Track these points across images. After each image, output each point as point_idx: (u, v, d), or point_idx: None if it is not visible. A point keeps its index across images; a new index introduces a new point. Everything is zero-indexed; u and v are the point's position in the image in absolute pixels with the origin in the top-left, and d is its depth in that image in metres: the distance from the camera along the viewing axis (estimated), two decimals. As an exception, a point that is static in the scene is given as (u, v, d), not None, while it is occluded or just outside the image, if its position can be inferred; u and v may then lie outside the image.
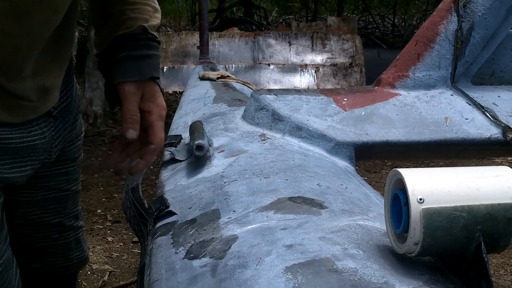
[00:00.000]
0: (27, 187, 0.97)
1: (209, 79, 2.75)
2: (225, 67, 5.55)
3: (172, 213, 1.06)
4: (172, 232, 0.98)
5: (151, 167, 3.47)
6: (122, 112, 0.88)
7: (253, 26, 9.93)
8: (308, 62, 5.93)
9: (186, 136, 1.43)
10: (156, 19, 0.94)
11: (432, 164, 4.20)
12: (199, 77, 2.82)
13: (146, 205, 1.16)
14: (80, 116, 1.11)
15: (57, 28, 0.79)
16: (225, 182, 1.12)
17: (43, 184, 1.04)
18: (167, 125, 1.23)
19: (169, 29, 11.10)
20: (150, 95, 0.92)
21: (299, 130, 1.42)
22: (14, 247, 1.06)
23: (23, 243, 1.05)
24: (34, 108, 0.81)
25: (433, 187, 0.68)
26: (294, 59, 5.92)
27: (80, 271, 1.28)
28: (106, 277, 2.60)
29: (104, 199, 3.72)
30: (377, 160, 4.15)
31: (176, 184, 1.23)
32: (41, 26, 0.75)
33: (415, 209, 0.66)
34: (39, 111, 0.83)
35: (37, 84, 0.80)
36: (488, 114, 1.50)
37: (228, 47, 5.83)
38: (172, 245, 0.93)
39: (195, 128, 1.37)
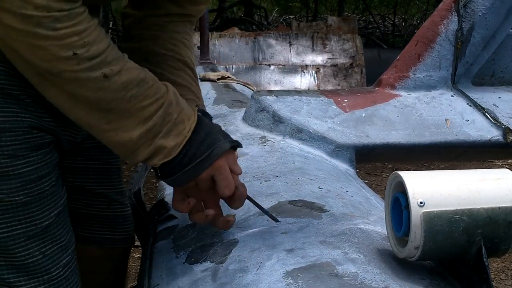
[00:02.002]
0: (69, 154, 1.05)
1: (209, 80, 2.75)
2: (226, 67, 5.55)
3: (173, 217, 1.06)
4: (173, 236, 0.98)
5: (152, 170, 3.47)
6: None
7: (254, 26, 9.93)
8: (308, 62, 5.93)
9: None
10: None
11: (432, 167, 4.19)
12: (199, 78, 2.82)
13: (147, 208, 1.17)
14: None
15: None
16: (225, 185, 1.12)
17: (83, 152, 1.09)
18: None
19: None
20: None
21: (299, 132, 1.42)
22: None
23: (71, 208, 1.08)
24: None
25: (433, 190, 0.68)
26: (295, 59, 5.92)
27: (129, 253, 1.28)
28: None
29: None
30: (378, 163, 4.14)
31: (176, 187, 1.23)
32: None
33: (416, 212, 0.66)
34: None
35: None
36: (488, 116, 1.50)
37: (229, 47, 5.83)
38: (172, 249, 0.93)
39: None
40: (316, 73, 5.90)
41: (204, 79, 2.77)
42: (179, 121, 0.82)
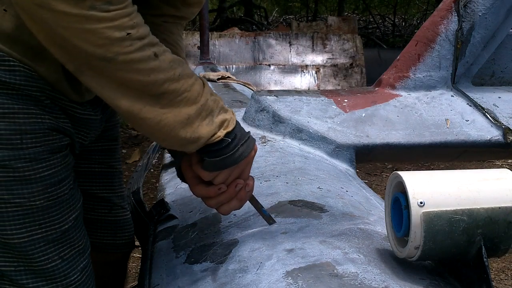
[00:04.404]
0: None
1: (209, 80, 2.75)
2: (226, 67, 5.55)
3: (173, 217, 1.07)
4: (173, 236, 0.98)
5: (152, 170, 3.47)
6: None
7: (254, 26, 9.93)
8: (308, 62, 5.93)
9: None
10: None
11: (432, 167, 4.19)
12: (199, 78, 2.82)
13: (147, 208, 1.17)
14: None
15: None
16: (225, 185, 1.12)
17: (86, 156, 1.09)
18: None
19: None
20: None
21: (299, 132, 1.42)
22: None
23: None
24: (88, 90, 0.93)
25: (433, 190, 0.68)
26: (295, 59, 5.92)
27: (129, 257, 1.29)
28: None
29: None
30: (378, 163, 4.13)
31: (176, 188, 1.23)
32: None
33: (416, 212, 0.66)
34: (91, 95, 0.95)
35: None
36: (488, 116, 1.50)
37: (229, 47, 5.83)
38: (173, 249, 0.93)
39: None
40: (316, 73, 5.90)
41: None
42: (220, 100, 0.85)
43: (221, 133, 0.82)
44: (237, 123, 0.86)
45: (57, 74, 0.84)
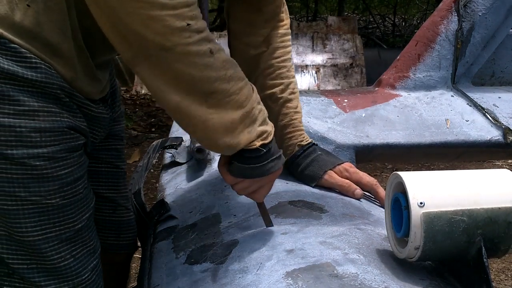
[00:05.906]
0: None
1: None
2: (226, 67, 5.53)
3: (172, 217, 1.07)
4: (172, 237, 0.98)
5: (152, 170, 3.47)
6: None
7: (254, 26, 9.90)
8: (308, 62, 5.93)
9: (186, 138, 1.44)
10: None
11: (432, 167, 4.19)
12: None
13: (147, 209, 1.17)
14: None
15: None
16: (225, 186, 1.12)
17: (94, 155, 1.09)
18: (168, 127, 1.23)
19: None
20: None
21: (299, 133, 1.41)
22: None
23: None
24: (101, 90, 0.96)
25: (433, 190, 0.68)
26: (295, 59, 5.91)
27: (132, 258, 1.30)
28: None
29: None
30: (378, 163, 4.13)
31: (176, 188, 1.23)
32: None
33: (416, 213, 0.66)
34: (103, 93, 0.98)
35: (102, 74, 0.95)
36: (488, 116, 1.50)
37: (229, 47, 5.83)
38: (172, 249, 0.93)
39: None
40: (316, 73, 5.90)
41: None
42: (265, 111, 0.85)
43: (258, 142, 0.83)
44: (274, 138, 0.86)
45: (72, 71, 0.85)
